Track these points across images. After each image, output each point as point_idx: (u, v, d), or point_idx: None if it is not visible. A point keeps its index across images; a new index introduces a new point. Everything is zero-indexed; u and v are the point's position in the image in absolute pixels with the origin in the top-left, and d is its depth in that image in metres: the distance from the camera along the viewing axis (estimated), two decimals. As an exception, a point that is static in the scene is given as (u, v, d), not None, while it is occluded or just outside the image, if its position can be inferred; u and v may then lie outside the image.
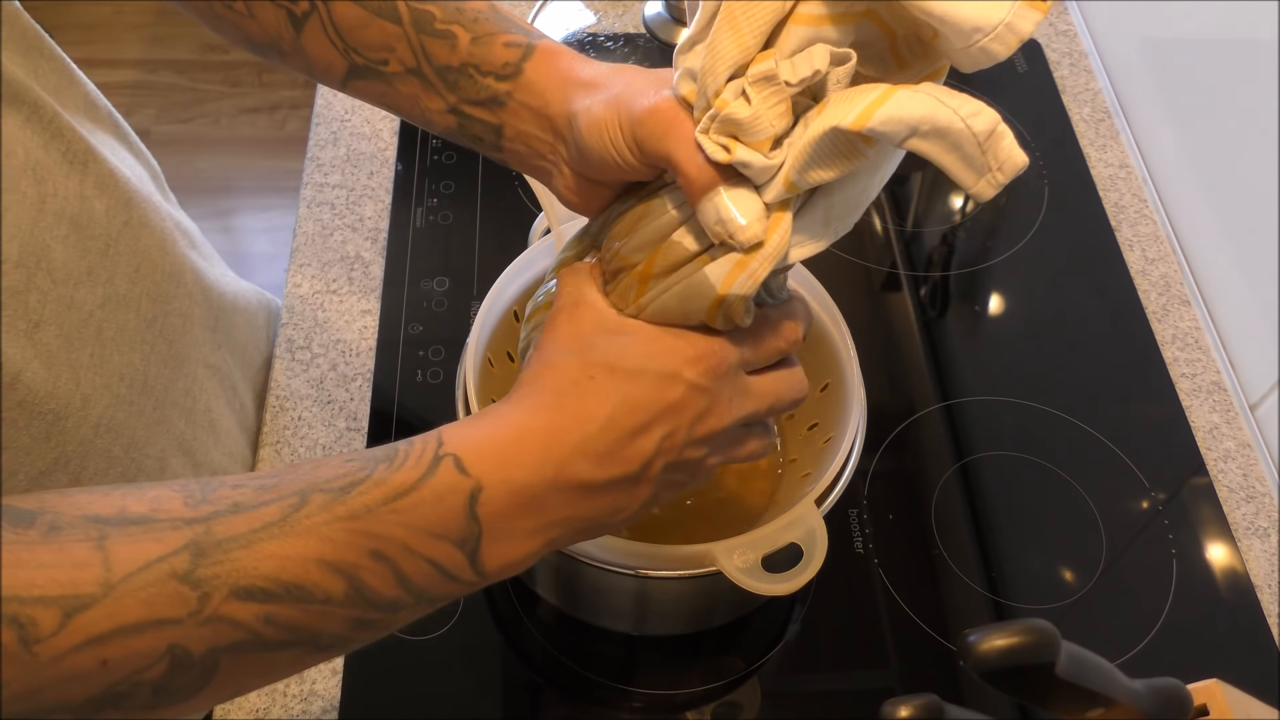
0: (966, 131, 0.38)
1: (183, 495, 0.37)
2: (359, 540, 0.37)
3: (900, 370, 0.82)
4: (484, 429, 0.41)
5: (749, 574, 0.52)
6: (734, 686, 0.67)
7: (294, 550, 0.36)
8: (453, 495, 0.39)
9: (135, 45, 2.23)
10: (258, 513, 0.36)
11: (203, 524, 0.35)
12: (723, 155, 0.40)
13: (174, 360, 0.58)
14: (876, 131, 0.38)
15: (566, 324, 0.44)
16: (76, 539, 0.34)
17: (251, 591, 0.35)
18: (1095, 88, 1.00)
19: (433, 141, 0.90)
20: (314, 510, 0.37)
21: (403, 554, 0.38)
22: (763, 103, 0.39)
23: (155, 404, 0.57)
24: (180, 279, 0.60)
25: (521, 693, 0.66)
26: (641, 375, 0.42)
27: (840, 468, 0.58)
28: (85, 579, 0.33)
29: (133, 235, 0.54)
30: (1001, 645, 0.37)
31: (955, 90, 0.39)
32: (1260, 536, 0.74)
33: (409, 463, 0.39)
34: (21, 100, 0.47)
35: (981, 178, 0.39)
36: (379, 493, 0.38)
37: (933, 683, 0.68)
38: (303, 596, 0.36)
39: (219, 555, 0.35)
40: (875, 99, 0.38)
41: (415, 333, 0.79)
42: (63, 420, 0.49)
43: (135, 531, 0.35)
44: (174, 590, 0.34)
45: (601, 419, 0.41)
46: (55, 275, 0.48)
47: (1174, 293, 0.87)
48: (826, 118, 0.39)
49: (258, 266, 1.95)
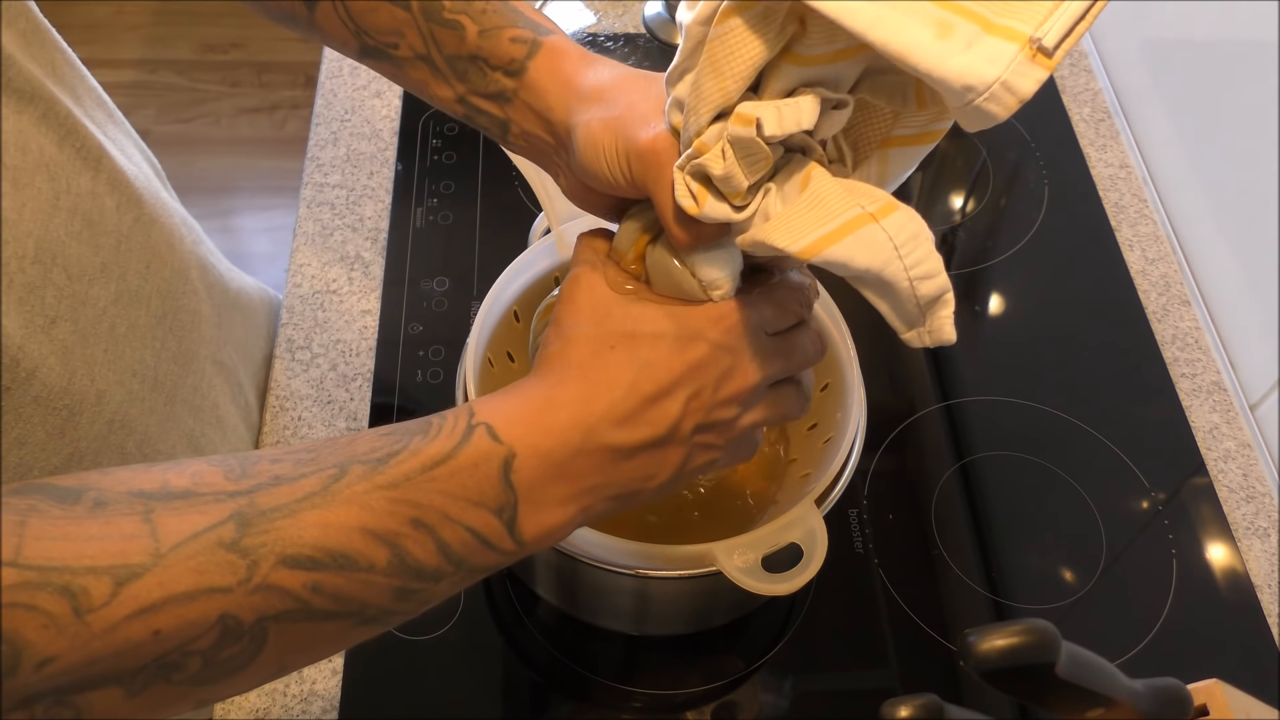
0: (909, 292, 0.38)
1: (223, 470, 0.37)
2: (399, 508, 0.37)
3: (900, 370, 0.82)
4: (512, 400, 0.41)
5: (749, 574, 0.52)
6: (734, 686, 0.67)
7: (337, 518, 0.36)
8: (488, 462, 0.39)
9: (135, 45, 2.23)
10: (298, 484, 0.37)
11: (246, 496, 0.36)
12: (690, 206, 0.40)
13: (183, 356, 0.59)
14: (822, 264, 0.38)
15: (583, 295, 0.45)
16: (123, 513, 0.34)
17: (299, 559, 0.35)
18: (1095, 88, 1.00)
19: (433, 141, 0.91)
20: (353, 480, 0.37)
21: (442, 522, 0.38)
22: (737, 163, 0.39)
23: (166, 400, 0.57)
24: (187, 275, 0.60)
25: (521, 693, 0.66)
26: (661, 338, 0.42)
27: (840, 468, 0.58)
28: (135, 549, 0.33)
29: (143, 232, 0.54)
30: (1001, 645, 0.37)
31: (922, 231, 0.38)
32: (1260, 536, 0.74)
33: (443, 433, 0.39)
34: (37, 97, 0.47)
35: (910, 330, 0.40)
36: (416, 462, 0.38)
37: (933, 683, 0.68)
38: (348, 565, 0.36)
39: (264, 525, 0.35)
40: (833, 231, 0.38)
41: (415, 333, 0.79)
42: (77, 416, 0.49)
43: (180, 505, 0.35)
44: (223, 559, 0.34)
45: (625, 384, 0.41)
46: (70, 271, 0.48)
47: (1174, 293, 0.87)
48: (781, 231, 0.39)
49: (258, 266, 1.95)
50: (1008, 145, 0.95)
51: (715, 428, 0.44)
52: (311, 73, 2.16)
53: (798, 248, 0.38)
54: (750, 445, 0.48)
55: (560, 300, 0.45)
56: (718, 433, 0.45)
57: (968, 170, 0.94)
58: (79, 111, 0.51)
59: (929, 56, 0.33)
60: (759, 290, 0.45)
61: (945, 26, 0.34)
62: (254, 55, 2.24)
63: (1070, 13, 0.34)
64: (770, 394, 0.46)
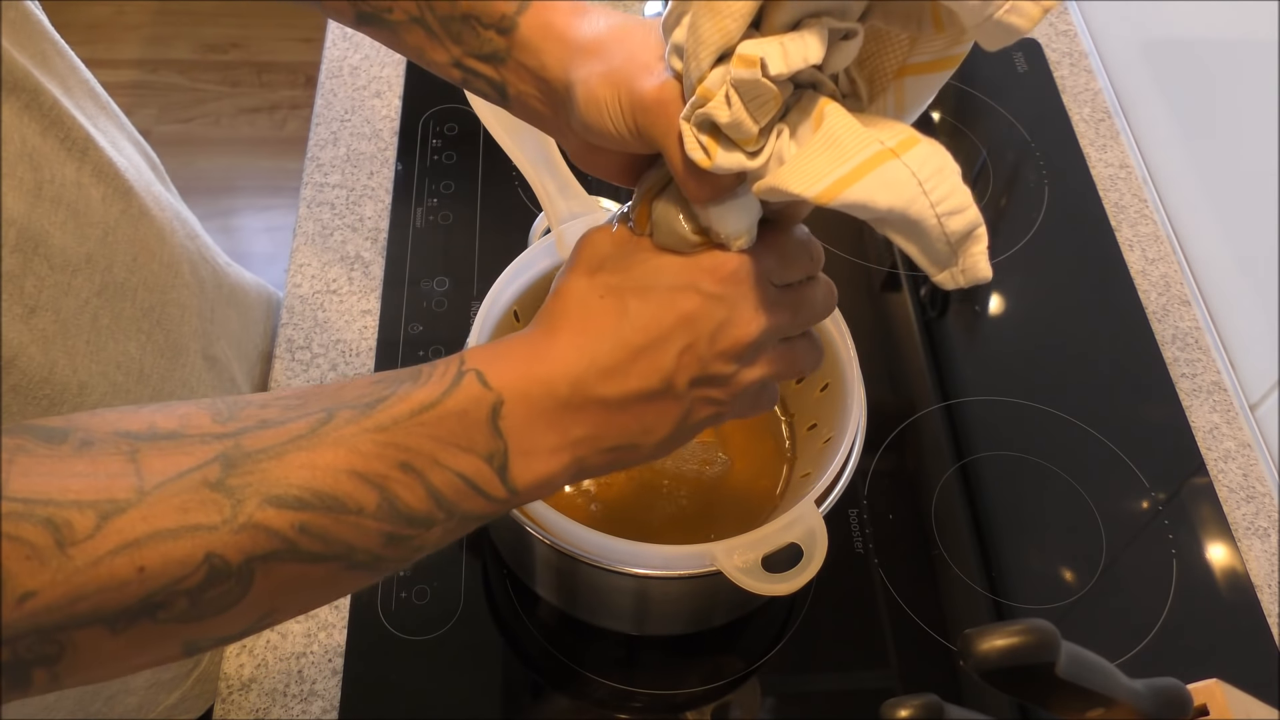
0: (938, 229, 0.36)
1: (210, 412, 0.37)
2: (387, 452, 0.37)
3: (900, 370, 0.82)
4: (504, 349, 0.41)
5: (749, 574, 0.52)
6: (734, 686, 0.67)
7: (324, 460, 0.36)
8: (476, 408, 0.39)
9: (135, 45, 2.23)
10: (285, 428, 0.37)
11: (232, 439, 0.36)
12: (702, 159, 0.38)
13: (171, 350, 0.59)
14: (842, 208, 0.36)
15: (581, 251, 0.44)
16: (108, 452, 0.34)
17: (284, 500, 0.35)
18: (1095, 88, 1.00)
19: (433, 141, 0.91)
20: (341, 424, 0.37)
21: (431, 466, 0.38)
22: (744, 107, 0.37)
23: (152, 393, 0.57)
24: (178, 269, 0.60)
25: (521, 693, 0.66)
26: (652, 289, 0.42)
27: (840, 468, 0.58)
28: (119, 486, 0.33)
29: (131, 224, 0.54)
30: (1001, 645, 0.37)
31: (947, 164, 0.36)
32: (1260, 536, 0.74)
33: (433, 379, 0.39)
34: (20, 87, 0.47)
35: (944, 270, 0.38)
36: (404, 407, 0.38)
37: (933, 683, 0.68)
38: (335, 506, 0.36)
39: (249, 465, 0.35)
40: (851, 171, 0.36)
41: (415, 333, 0.79)
42: (57, 406, 0.49)
43: (166, 445, 0.35)
44: (207, 497, 0.34)
45: (612, 335, 0.41)
46: (53, 261, 0.48)
47: (1174, 293, 0.87)
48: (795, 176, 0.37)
49: (258, 266, 1.94)
50: (1008, 145, 0.95)
51: (715, 382, 0.43)
52: (311, 73, 2.16)
53: (814, 191, 0.36)
54: (766, 398, 0.46)
55: (565, 265, 0.45)
56: (719, 387, 0.43)
57: (968, 170, 0.94)
58: (67, 102, 0.51)
59: None
60: (763, 241, 0.43)
61: None
62: (254, 55, 2.24)
63: None
64: (779, 348, 0.45)
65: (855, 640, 0.69)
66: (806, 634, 0.69)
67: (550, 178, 0.62)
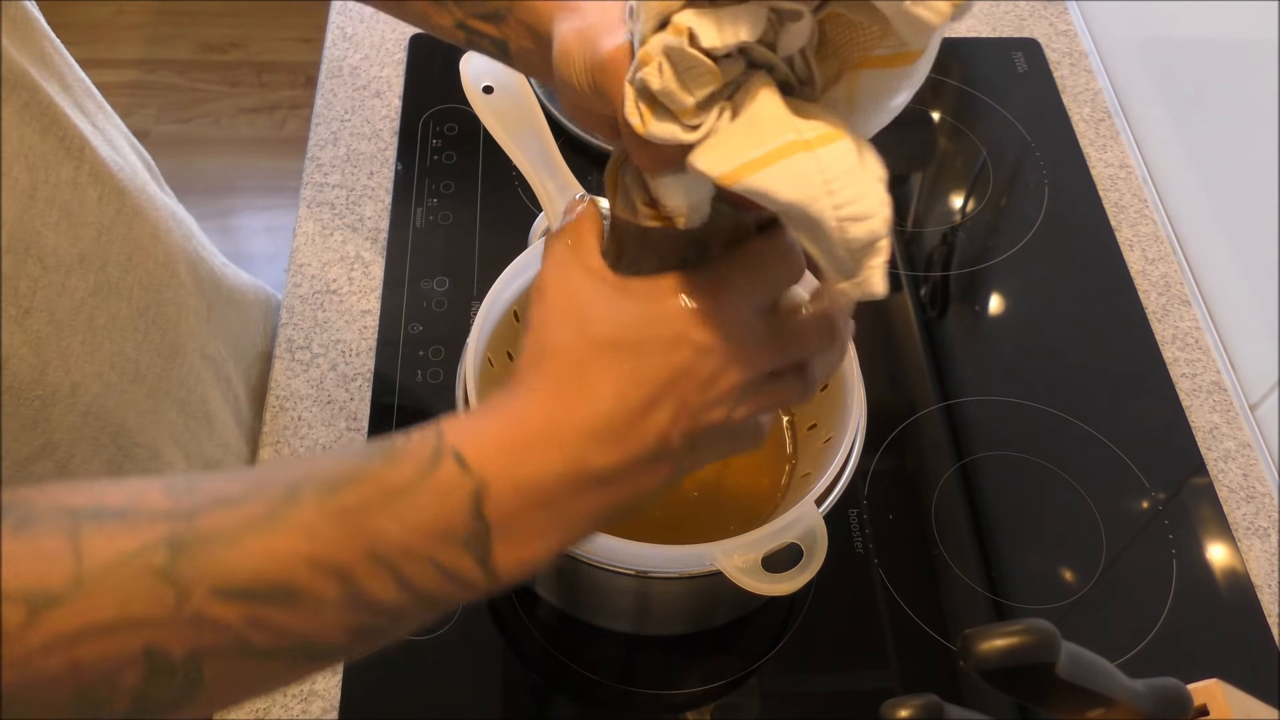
0: (837, 233, 0.33)
1: (164, 488, 0.34)
2: (353, 539, 0.34)
3: (900, 370, 0.82)
4: (485, 421, 0.38)
5: (749, 574, 0.52)
6: (734, 686, 0.67)
7: (280, 547, 0.33)
8: (455, 494, 0.35)
9: (135, 45, 2.23)
10: (243, 508, 0.34)
11: (183, 519, 0.33)
12: (637, 124, 0.36)
13: (168, 350, 0.58)
14: (745, 193, 0.34)
15: (557, 291, 0.40)
16: (48, 531, 0.32)
17: (234, 591, 0.33)
18: (1095, 88, 1.00)
19: (433, 141, 0.91)
20: (304, 505, 0.34)
21: (402, 556, 0.35)
22: (675, 76, 0.35)
23: (147, 393, 0.57)
24: (174, 269, 0.60)
25: (521, 693, 0.66)
26: (643, 345, 0.38)
27: (840, 468, 0.58)
28: (54, 572, 0.31)
29: (125, 224, 0.54)
30: (1001, 645, 0.37)
31: (866, 161, 0.34)
32: (1260, 536, 0.74)
33: (408, 458, 0.36)
34: (19, 86, 0.47)
35: (845, 280, 0.35)
36: (375, 489, 0.35)
37: (933, 683, 0.68)
38: (291, 598, 0.33)
39: (198, 550, 0.32)
40: (759, 157, 0.34)
41: (415, 333, 0.79)
42: (50, 407, 0.49)
43: (110, 524, 0.32)
44: (149, 587, 0.32)
45: (607, 399, 0.37)
46: (46, 262, 0.48)
47: (1174, 293, 0.87)
48: (707, 153, 0.35)
49: (258, 266, 1.95)
50: (1008, 145, 0.95)
51: (706, 432, 0.40)
52: (311, 73, 2.16)
53: (719, 171, 0.34)
54: (753, 435, 0.43)
55: (534, 294, 0.41)
56: (709, 434, 0.41)
57: (968, 170, 0.94)
58: (64, 101, 0.51)
59: None
60: (743, 261, 0.40)
61: None
62: (254, 55, 2.24)
63: None
64: (766, 384, 0.42)
65: (855, 640, 0.69)
66: (806, 634, 0.69)
67: (550, 178, 0.62)
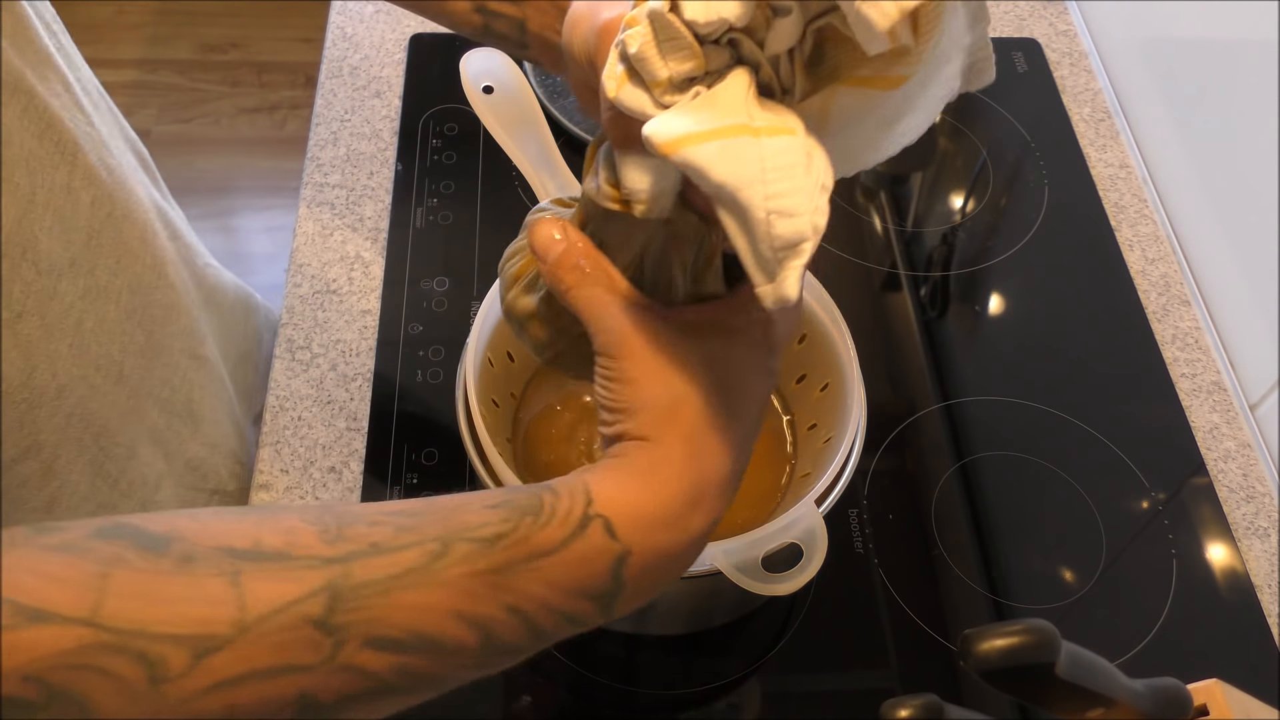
0: (764, 226, 0.33)
1: (317, 529, 0.35)
2: (499, 595, 0.36)
3: (900, 370, 0.82)
4: (633, 490, 0.39)
5: (749, 574, 0.52)
6: (734, 686, 0.67)
7: (433, 602, 0.35)
8: (601, 559, 0.37)
9: (135, 45, 2.23)
10: (397, 556, 0.35)
11: (340, 565, 0.34)
12: (610, 87, 0.36)
13: (152, 351, 0.59)
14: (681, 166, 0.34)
15: (638, 342, 0.40)
16: (210, 573, 0.33)
17: (386, 642, 0.34)
18: (1095, 88, 1.00)
19: (433, 141, 0.90)
20: (456, 561, 0.35)
21: (540, 609, 0.37)
22: (655, 44, 0.34)
23: (129, 394, 0.57)
24: (162, 270, 0.60)
25: (521, 693, 0.66)
26: (748, 402, 0.41)
27: (840, 468, 0.58)
28: (219, 618, 0.32)
29: (115, 227, 0.54)
30: (1001, 645, 0.37)
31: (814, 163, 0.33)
32: (1260, 536, 0.74)
33: (555, 519, 0.37)
34: (19, 90, 0.47)
35: (767, 281, 0.34)
36: (524, 549, 0.36)
37: (933, 683, 0.68)
38: (436, 649, 0.35)
39: (356, 602, 0.34)
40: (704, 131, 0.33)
41: (415, 333, 0.79)
42: (36, 410, 0.49)
43: (272, 569, 0.33)
44: (308, 636, 0.33)
45: (727, 470, 0.40)
46: (40, 266, 0.48)
47: (1174, 293, 0.87)
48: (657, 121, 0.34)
49: (258, 266, 1.95)
50: (1008, 145, 0.95)
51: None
52: (311, 73, 2.16)
53: (661, 139, 0.33)
54: None
55: (609, 349, 0.41)
56: None
57: (968, 170, 0.94)
58: (62, 103, 0.51)
59: None
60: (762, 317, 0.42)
61: None
62: (254, 55, 2.24)
63: None
64: None
65: (855, 640, 0.69)
66: (806, 634, 0.69)
67: (550, 178, 0.62)
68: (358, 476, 0.72)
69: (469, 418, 0.58)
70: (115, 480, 0.57)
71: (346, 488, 0.71)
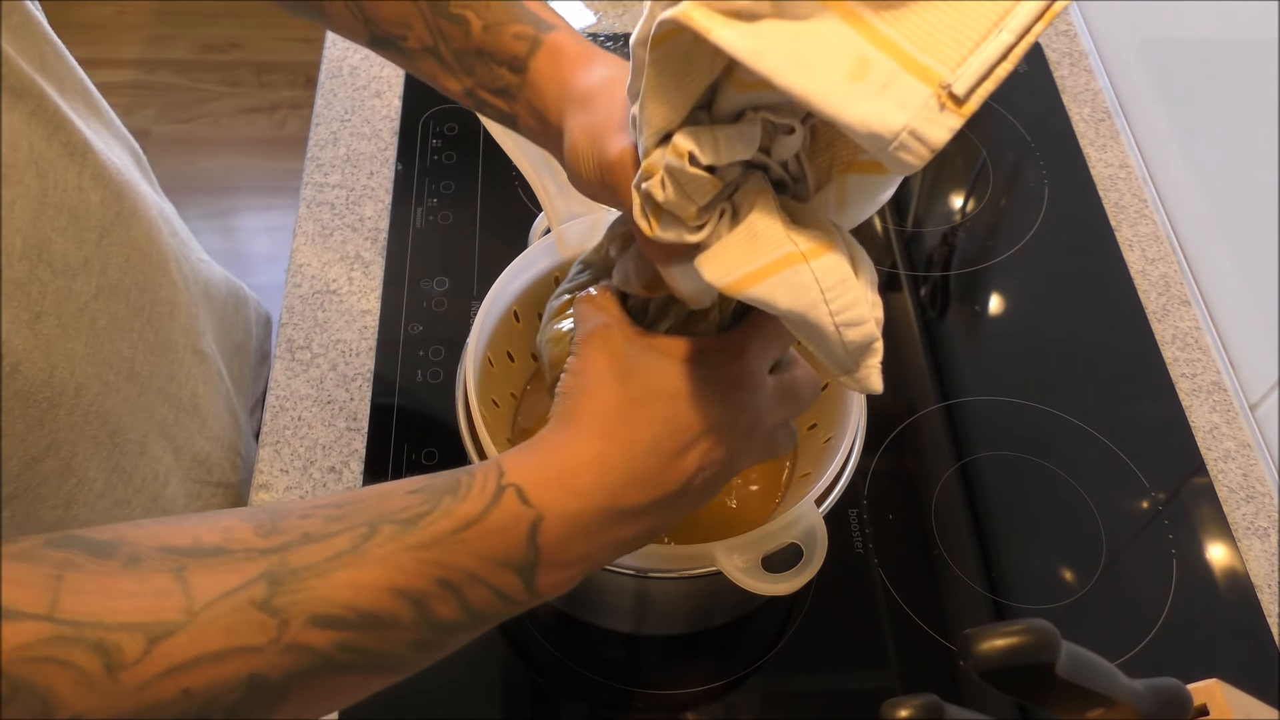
0: (836, 337, 0.38)
1: (252, 524, 0.37)
2: (429, 569, 0.38)
3: (900, 370, 0.82)
4: (541, 459, 0.42)
5: (749, 574, 0.52)
6: (734, 686, 0.67)
7: (368, 578, 0.37)
8: (516, 525, 0.40)
9: (135, 45, 2.23)
10: (329, 542, 0.37)
11: (276, 554, 0.36)
12: (646, 229, 0.39)
13: (160, 347, 0.59)
14: (748, 301, 0.38)
15: (599, 345, 0.45)
16: (156, 569, 0.34)
17: (328, 619, 0.36)
18: (1095, 88, 1.00)
19: (433, 141, 0.91)
20: (384, 540, 0.38)
21: (468, 581, 0.39)
22: (678, 190, 0.38)
23: (140, 390, 0.57)
24: (165, 267, 0.60)
25: (521, 693, 0.66)
26: (679, 396, 0.43)
27: (840, 468, 0.58)
28: (168, 607, 0.34)
29: (124, 225, 0.55)
30: (1001, 645, 0.37)
31: (854, 275, 0.37)
32: (1260, 536, 0.74)
33: (473, 493, 0.40)
34: (27, 93, 0.48)
35: (843, 374, 0.40)
36: (446, 524, 0.39)
37: (933, 683, 0.68)
38: (374, 623, 0.37)
39: (295, 584, 0.36)
40: (759, 269, 0.37)
41: (415, 333, 0.79)
42: (56, 408, 0.50)
43: (212, 562, 0.35)
44: (254, 618, 0.35)
45: (647, 444, 0.42)
46: (55, 266, 0.49)
47: (1174, 293, 0.87)
48: (712, 263, 0.38)
49: (258, 266, 1.95)
50: (1008, 145, 0.95)
51: (724, 476, 0.46)
52: (311, 73, 2.16)
53: (724, 282, 0.38)
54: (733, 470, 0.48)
55: (577, 345, 0.45)
56: (725, 478, 0.46)
57: (968, 170, 0.94)
58: (65, 105, 0.51)
59: (834, 101, 0.32)
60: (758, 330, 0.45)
61: (863, 64, 0.31)
62: (254, 55, 2.24)
63: (985, 57, 0.32)
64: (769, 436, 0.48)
65: (855, 640, 0.69)
66: (806, 634, 0.69)
67: (550, 178, 0.62)
68: (358, 476, 0.72)
69: (469, 418, 0.58)
70: (129, 476, 0.58)
71: (346, 488, 0.72)
